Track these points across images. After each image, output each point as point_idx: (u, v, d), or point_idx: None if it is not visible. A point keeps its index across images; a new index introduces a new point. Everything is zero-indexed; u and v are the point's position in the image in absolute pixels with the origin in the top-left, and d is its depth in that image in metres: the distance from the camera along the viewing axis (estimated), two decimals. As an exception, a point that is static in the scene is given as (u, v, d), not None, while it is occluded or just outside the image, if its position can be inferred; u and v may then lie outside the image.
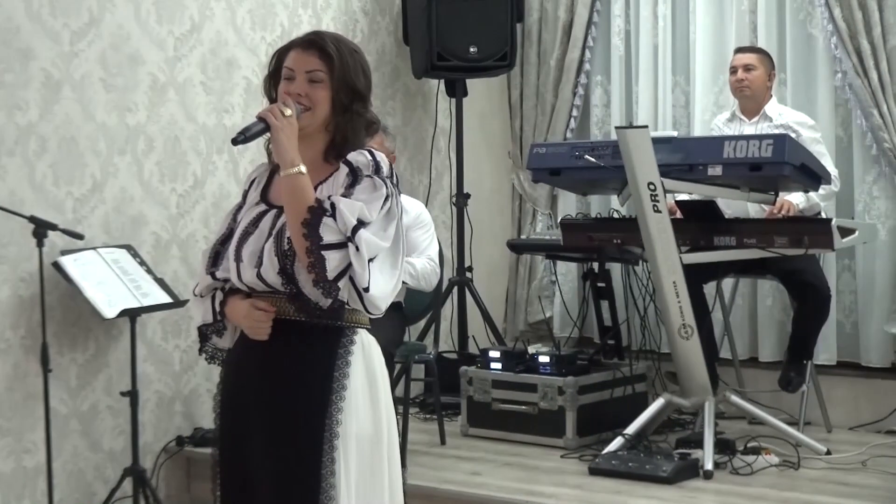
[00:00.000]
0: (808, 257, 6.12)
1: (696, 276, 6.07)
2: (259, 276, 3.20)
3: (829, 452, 5.97)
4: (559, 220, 6.87)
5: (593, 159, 5.89)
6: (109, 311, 5.50)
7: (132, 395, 5.70)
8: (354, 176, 3.20)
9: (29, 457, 5.60)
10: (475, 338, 7.52)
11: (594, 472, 5.72)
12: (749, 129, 6.54)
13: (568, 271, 7.84)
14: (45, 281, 5.33)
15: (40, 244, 5.29)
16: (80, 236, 5.50)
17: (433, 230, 6.09)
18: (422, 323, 6.94)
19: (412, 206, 6.00)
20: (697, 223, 5.97)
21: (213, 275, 3.33)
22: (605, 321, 7.02)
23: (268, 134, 3.20)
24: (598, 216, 6.74)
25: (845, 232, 5.84)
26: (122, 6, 6.02)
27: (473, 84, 7.75)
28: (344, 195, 3.16)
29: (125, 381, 5.83)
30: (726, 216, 6.15)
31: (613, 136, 6.03)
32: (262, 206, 3.33)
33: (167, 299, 5.79)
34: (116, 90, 5.99)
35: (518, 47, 7.72)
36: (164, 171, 6.20)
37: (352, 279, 3.11)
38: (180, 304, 5.89)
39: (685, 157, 5.76)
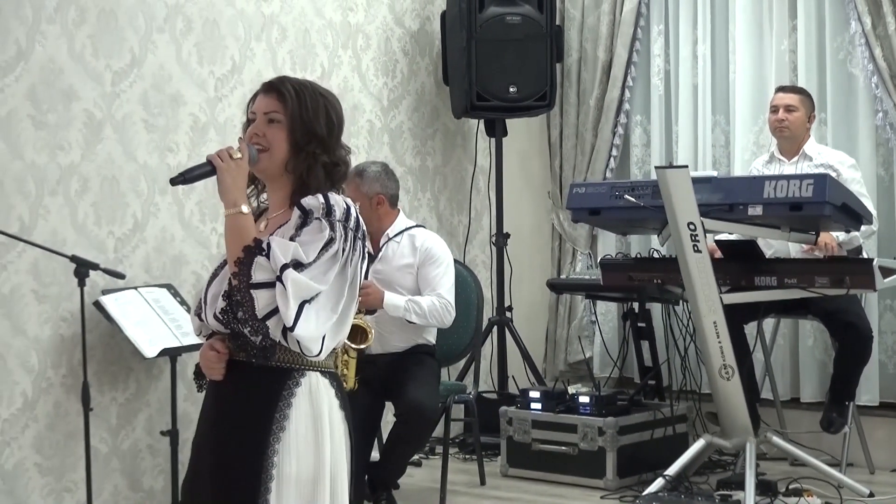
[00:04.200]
0: (850, 297, 6.07)
1: (736, 316, 6.03)
2: (216, 315, 3.25)
3: (871, 494, 5.91)
4: (599, 260, 6.86)
5: (633, 199, 5.88)
6: (150, 351, 5.52)
7: (172, 434, 5.71)
8: (305, 218, 3.21)
9: (69, 496, 5.61)
10: (515, 378, 7.50)
11: (634, 513, 5.68)
12: (789, 168, 6.51)
13: (608, 311, 7.82)
14: (86, 320, 5.36)
15: (82, 284, 5.32)
16: (121, 276, 5.52)
17: (447, 266, 5.93)
18: (461, 363, 6.92)
19: (423, 242, 5.95)
20: (738, 263, 5.95)
21: (199, 316, 3.38)
22: (646, 361, 7.00)
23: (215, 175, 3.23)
24: (638, 256, 6.72)
25: (887, 272, 5.79)
26: (164, 47, 6.06)
27: (513, 124, 7.76)
28: (293, 237, 3.18)
29: (165, 420, 5.84)
30: (767, 256, 6.12)
31: (653, 176, 6.03)
32: None
33: (207, 338, 5.79)
34: (157, 130, 6.02)
35: (557, 87, 7.71)
36: (205, 211, 6.22)
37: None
38: (220, 344, 5.89)
39: (725, 197, 5.74)
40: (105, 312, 5.57)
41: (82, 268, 5.32)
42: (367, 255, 3.31)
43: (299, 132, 3.26)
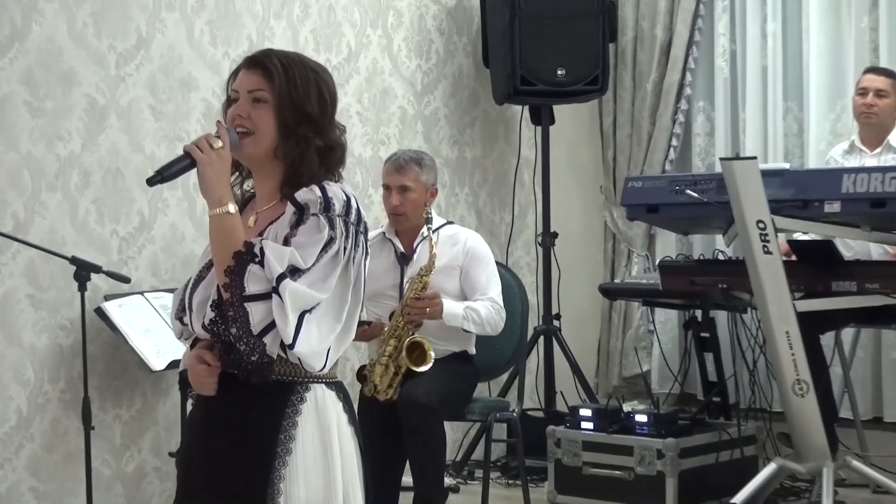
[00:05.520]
0: (940, 304, 6.03)
1: (811, 326, 5.99)
2: (204, 326, 3.16)
3: (963, 525, 5.87)
4: (657, 263, 6.83)
5: (695, 194, 5.85)
6: (157, 363, 5.52)
7: (182, 455, 5.71)
8: (300, 215, 3.13)
9: (68, 523, 5.63)
10: (563, 394, 7.48)
11: (697, 545, 5.66)
12: (871, 160, 6.47)
13: (667, 320, 7.79)
14: (87, 328, 5.36)
15: (82, 288, 5.32)
16: (125, 279, 5.52)
17: (492, 265, 5.95)
18: (503, 377, 6.90)
19: (466, 241, 5.94)
20: (813, 266, 5.91)
21: (181, 320, 3.29)
22: (710, 376, 6.96)
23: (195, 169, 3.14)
24: (701, 258, 6.69)
25: (982, 276, 5.75)
26: (173, 26, 6.07)
27: (561, 110, 7.73)
28: (287, 237, 3.11)
29: (174, 440, 5.83)
30: (845, 258, 6.08)
31: (718, 169, 6.00)
32: None
33: (221, 349, 5.80)
34: (167, 118, 6.03)
35: (611, 69, 7.69)
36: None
37: None
38: (235, 355, 5.90)
39: (798, 192, 5.71)
40: (108, 320, 5.58)
41: (83, 270, 5.33)
42: (367, 252, 3.22)
43: (288, 112, 3.18)
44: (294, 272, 3.04)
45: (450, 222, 6.12)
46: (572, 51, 7.41)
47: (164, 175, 3.14)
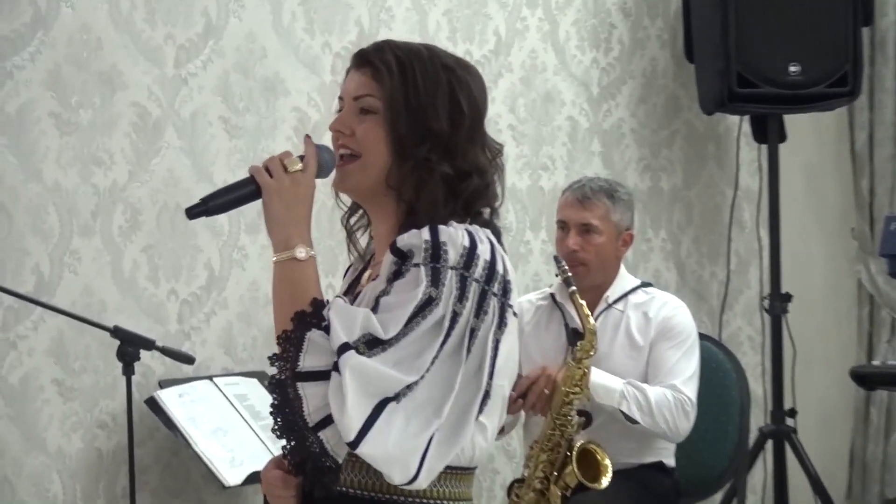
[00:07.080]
0: None
1: None
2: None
3: None
4: (934, 337, 6.75)
5: None
6: (232, 476, 5.53)
7: None
8: (400, 265, 3.09)
9: None
10: (802, 520, 7.42)
11: None
12: None
13: (951, 418, 7.71)
14: (134, 427, 5.38)
15: (128, 371, 5.34)
16: (188, 359, 5.54)
17: (691, 346, 5.82)
18: (717, 497, 6.83)
19: (660, 310, 5.85)
20: None
21: None
22: None
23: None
24: None
25: None
26: (254, 9, 6.11)
27: (795, 122, 7.67)
28: (380, 295, 3.08)
29: (255, 582, 5.86)
30: None
31: None
32: None
33: (320, 456, 5.80)
34: (245, 134, 6.06)
35: (865, 65, 7.60)
36: (320, 259, 6.22)
37: None
38: (339, 464, 5.89)
39: None
40: (164, 415, 5.60)
41: (129, 346, 5.34)
42: (507, 321, 3.12)
43: (405, 126, 3.16)
44: (372, 344, 2.99)
45: (646, 284, 6.00)
46: (810, 39, 7.33)
47: (209, 205, 3.14)
